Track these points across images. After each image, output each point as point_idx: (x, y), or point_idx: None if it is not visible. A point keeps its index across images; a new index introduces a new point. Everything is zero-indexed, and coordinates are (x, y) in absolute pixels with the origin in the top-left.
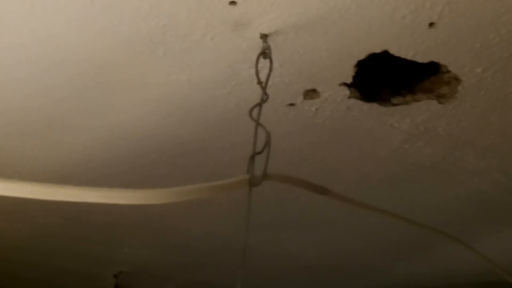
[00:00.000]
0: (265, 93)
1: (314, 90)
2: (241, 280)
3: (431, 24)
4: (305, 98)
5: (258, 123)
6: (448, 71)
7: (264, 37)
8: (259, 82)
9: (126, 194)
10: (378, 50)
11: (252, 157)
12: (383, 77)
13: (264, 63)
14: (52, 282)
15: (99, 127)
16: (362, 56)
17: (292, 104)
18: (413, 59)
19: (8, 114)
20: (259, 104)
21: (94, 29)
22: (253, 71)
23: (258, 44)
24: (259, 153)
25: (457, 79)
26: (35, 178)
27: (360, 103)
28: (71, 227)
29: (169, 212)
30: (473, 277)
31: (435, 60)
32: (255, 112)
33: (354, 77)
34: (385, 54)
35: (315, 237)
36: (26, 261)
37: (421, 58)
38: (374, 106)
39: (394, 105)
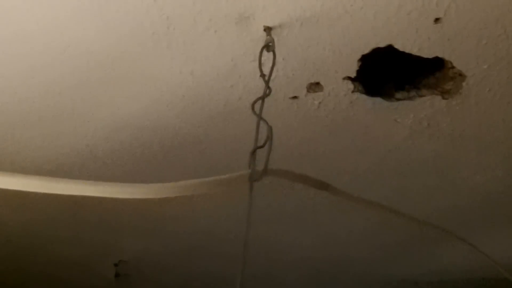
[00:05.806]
0: (268, 86)
1: (317, 84)
2: (242, 273)
3: (436, 20)
4: (308, 91)
5: (260, 117)
6: (453, 67)
7: (268, 30)
8: (262, 75)
9: (125, 188)
10: (382, 44)
11: (253, 152)
12: (387, 72)
13: (267, 56)
14: (54, 270)
15: (101, 118)
16: (366, 50)
17: (295, 97)
18: (418, 54)
19: (12, 105)
20: (262, 98)
21: (98, 21)
22: (256, 64)
23: (262, 37)
24: (261, 147)
25: (461, 75)
26: (37, 166)
27: (363, 97)
28: (73, 217)
29: (169, 204)
30: (472, 274)
31: (440, 55)
32: (257, 106)
33: (358, 71)
34: (390, 48)
35: (315, 231)
36: (30, 250)
37: (426, 54)
38: (378, 100)
39: (398, 100)
